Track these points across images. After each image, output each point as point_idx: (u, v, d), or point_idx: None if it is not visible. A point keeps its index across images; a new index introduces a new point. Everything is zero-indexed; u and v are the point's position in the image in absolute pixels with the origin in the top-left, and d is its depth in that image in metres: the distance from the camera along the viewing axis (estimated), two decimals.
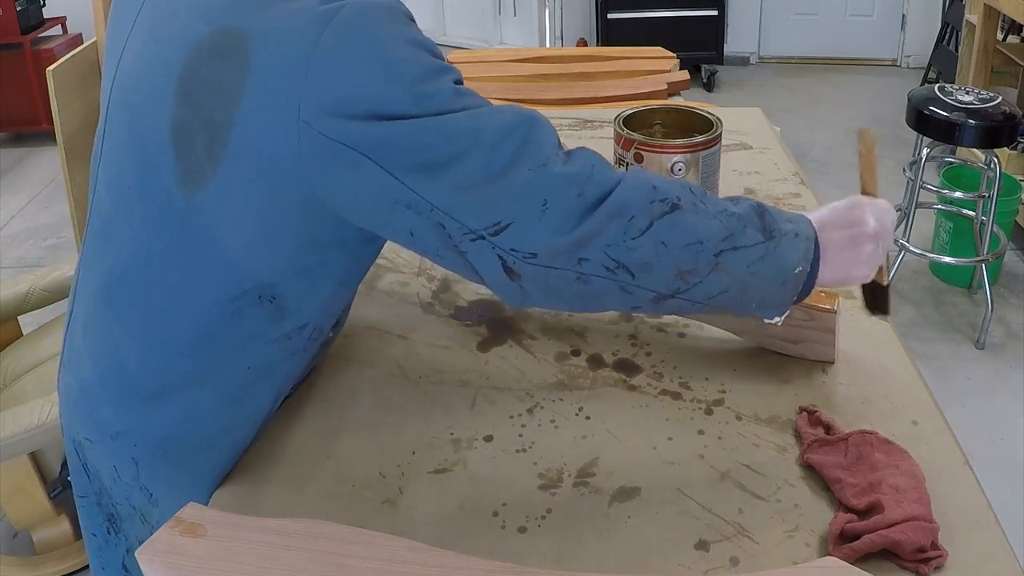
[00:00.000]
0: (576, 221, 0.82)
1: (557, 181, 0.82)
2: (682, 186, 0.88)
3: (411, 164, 0.80)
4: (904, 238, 2.89)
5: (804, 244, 0.91)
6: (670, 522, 0.91)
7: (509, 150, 0.81)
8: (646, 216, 0.84)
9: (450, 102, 0.81)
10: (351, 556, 0.85)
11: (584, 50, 3.74)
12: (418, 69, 0.80)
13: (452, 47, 5.47)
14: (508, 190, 0.81)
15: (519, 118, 0.83)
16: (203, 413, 0.99)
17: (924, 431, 1.01)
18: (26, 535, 2.11)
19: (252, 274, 0.91)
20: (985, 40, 3.72)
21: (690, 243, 0.85)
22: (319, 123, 0.79)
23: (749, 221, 0.89)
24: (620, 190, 0.83)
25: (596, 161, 0.85)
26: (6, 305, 2.10)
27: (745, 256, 0.88)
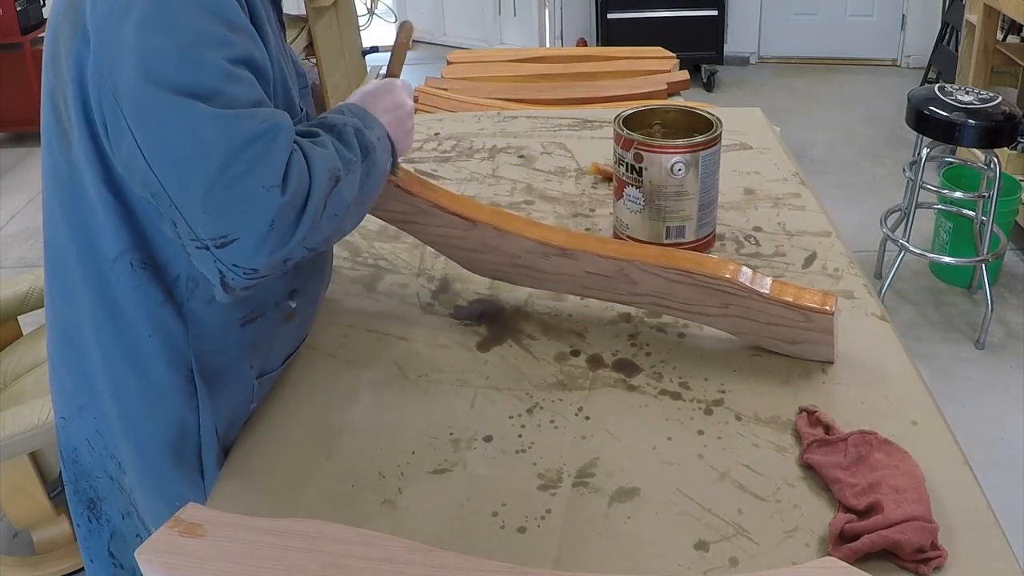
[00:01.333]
0: (290, 235, 0.86)
1: (283, 205, 0.84)
2: (334, 153, 0.93)
3: (161, 150, 0.82)
4: (904, 238, 2.89)
5: (385, 143, 1.03)
6: (670, 522, 0.91)
7: (246, 160, 0.82)
8: (323, 201, 0.89)
9: (214, 81, 0.82)
10: (351, 556, 0.85)
11: (584, 50, 3.74)
12: (194, 33, 0.82)
13: (452, 47, 5.47)
14: (238, 203, 0.83)
15: (265, 127, 0.84)
16: (125, 384, 1.01)
17: (924, 431, 1.01)
18: (26, 535, 2.11)
19: (119, 235, 0.95)
20: (985, 40, 3.72)
21: (345, 205, 0.93)
22: (106, 77, 0.84)
23: (358, 154, 0.97)
24: (314, 190, 0.87)
25: (300, 169, 0.87)
26: (6, 305, 2.10)
27: (365, 183, 0.97)
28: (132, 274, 0.96)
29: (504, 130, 1.88)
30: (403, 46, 1.22)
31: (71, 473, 1.13)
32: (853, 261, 1.35)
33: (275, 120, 0.85)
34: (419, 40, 6.07)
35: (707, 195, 1.34)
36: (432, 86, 2.59)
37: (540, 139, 1.83)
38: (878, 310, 1.24)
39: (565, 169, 1.69)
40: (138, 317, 0.98)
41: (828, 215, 1.50)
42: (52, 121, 0.94)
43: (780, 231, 1.44)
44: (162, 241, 0.96)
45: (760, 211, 1.50)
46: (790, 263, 1.35)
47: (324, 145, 0.92)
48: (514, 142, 1.81)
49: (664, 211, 1.33)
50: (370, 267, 1.39)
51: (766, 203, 1.53)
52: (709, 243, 1.39)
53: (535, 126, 1.90)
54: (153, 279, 0.97)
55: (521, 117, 1.96)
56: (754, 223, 1.46)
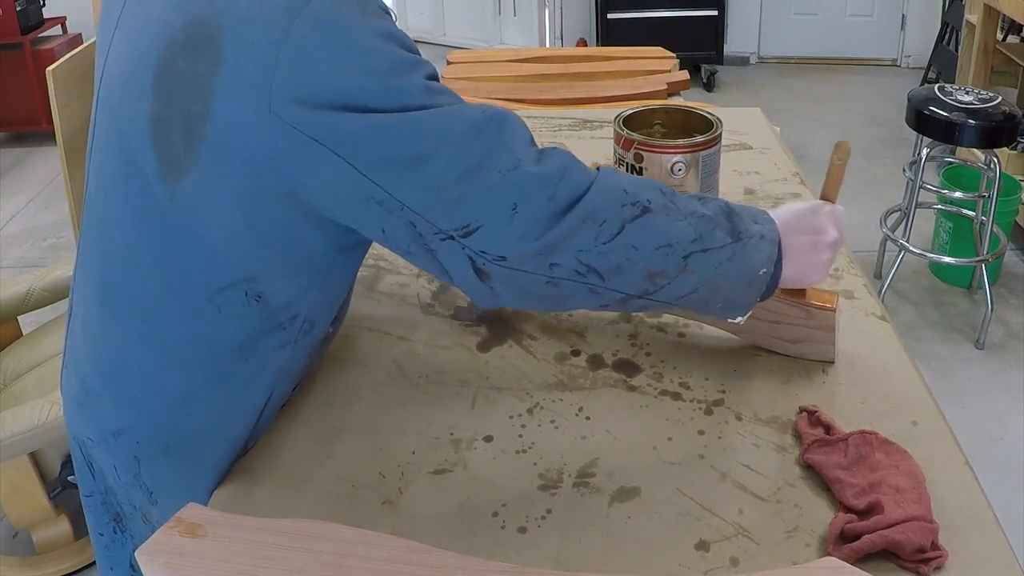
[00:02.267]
0: (547, 226, 0.82)
1: (527, 185, 0.81)
2: (653, 187, 0.88)
3: (380, 161, 0.80)
4: (904, 238, 2.89)
5: (769, 246, 0.93)
6: (670, 522, 0.91)
7: (478, 150, 0.81)
8: (617, 220, 0.84)
9: (421, 98, 0.80)
10: (351, 556, 0.85)
11: (584, 50, 3.74)
12: (389, 62, 0.80)
13: (452, 47, 5.47)
14: (477, 192, 0.81)
15: (488, 117, 0.82)
16: (201, 409, 0.98)
17: (924, 431, 1.01)
18: (26, 535, 2.11)
19: (236, 267, 0.90)
20: (985, 40, 3.72)
21: (660, 246, 0.86)
22: (289, 115, 0.79)
23: (718, 223, 0.90)
24: (592, 194, 0.83)
25: (568, 163, 0.84)
26: (6, 305, 2.10)
27: (713, 258, 0.89)
28: (244, 302, 0.92)
29: None
30: (839, 168, 1.04)
31: (99, 486, 1.10)
32: (853, 261, 1.35)
33: (495, 110, 0.83)
34: (419, 40, 6.08)
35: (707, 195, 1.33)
36: None
37: (540, 139, 1.83)
38: (878, 310, 1.24)
39: None
40: (237, 343, 0.95)
41: None
42: (149, 151, 0.87)
43: None
44: (286, 286, 0.93)
45: None
46: None
47: (638, 180, 0.88)
48: None
49: None
50: (370, 267, 1.39)
51: (766, 203, 1.53)
52: None
53: (535, 126, 1.90)
54: (266, 312, 0.94)
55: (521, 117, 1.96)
56: None
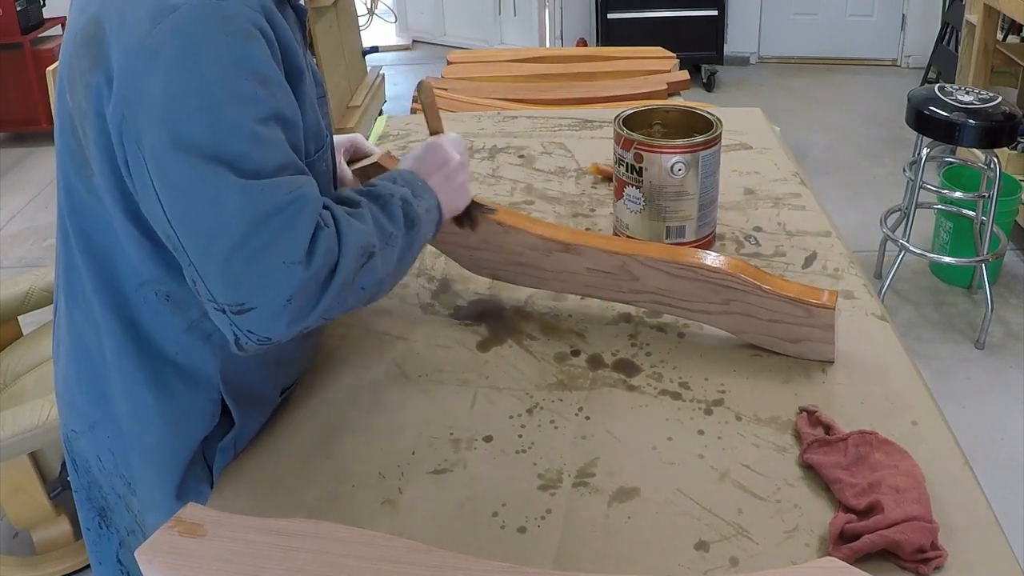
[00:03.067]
0: (311, 308, 0.86)
1: (306, 282, 0.84)
2: (374, 227, 0.93)
3: (183, 215, 0.82)
4: (904, 238, 2.89)
5: (433, 214, 1.04)
6: (670, 522, 0.91)
7: (271, 233, 0.82)
8: (353, 275, 0.89)
9: (241, 146, 0.81)
10: (351, 556, 0.85)
11: (584, 50, 3.74)
12: (226, 95, 0.80)
13: (452, 47, 5.47)
14: (259, 277, 0.82)
15: (289, 200, 0.83)
16: (145, 404, 0.99)
17: (924, 431, 1.01)
18: (26, 535, 2.11)
19: (142, 267, 0.93)
20: (985, 40, 3.72)
21: (378, 279, 0.94)
22: (130, 124, 0.81)
23: (402, 227, 0.97)
24: (341, 265, 0.87)
25: (329, 245, 0.86)
26: (6, 305, 2.10)
27: (404, 253, 0.98)
28: (157, 302, 0.95)
29: (504, 130, 1.88)
30: (431, 105, 1.18)
31: (84, 481, 1.12)
32: (853, 261, 1.35)
33: (301, 191, 0.84)
34: (419, 40, 6.08)
35: (707, 195, 1.34)
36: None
37: (540, 139, 1.83)
38: (878, 310, 1.24)
39: (565, 169, 1.69)
40: (163, 341, 0.97)
41: (828, 215, 1.50)
42: (70, 144, 0.91)
43: (780, 231, 1.44)
44: (185, 283, 0.93)
45: (760, 211, 1.50)
46: (790, 263, 1.35)
47: (362, 218, 0.92)
48: (514, 142, 1.81)
49: (664, 211, 1.33)
50: None
51: (766, 203, 1.53)
52: (709, 243, 1.39)
53: (535, 126, 1.90)
54: (179, 310, 0.95)
55: (521, 117, 1.96)
56: (754, 223, 1.46)
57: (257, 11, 0.84)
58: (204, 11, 0.80)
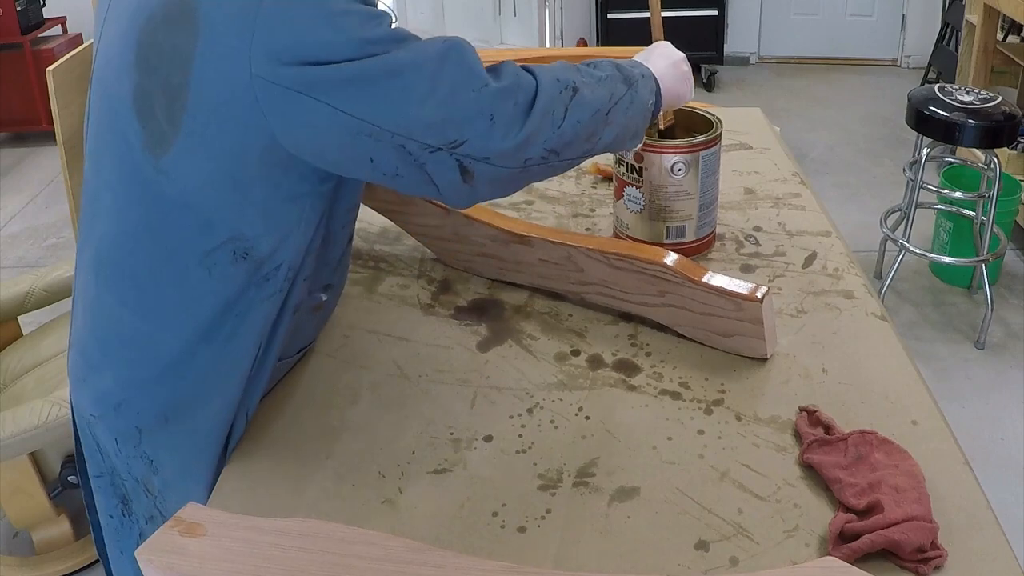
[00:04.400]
0: (519, 126, 0.94)
1: (496, 98, 0.92)
2: (572, 68, 1.02)
3: (366, 101, 0.87)
4: (904, 238, 2.89)
5: (650, 82, 1.13)
6: (670, 522, 0.91)
7: (449, 76, 0.90)
8: (562, 106, 0.98)
9: (389, 43, 0.88)
10: (351, 556, 0.85)
11: (584, 50, 3.74)
12: (357, 18, 0.86)
13: None
14: (458, 111, 0.91)
15: (448, 46, 0.91)
16: (193, 371, 1.01)
17: (924, 431, 1.01)
18: (26, 535, 2.11)
19: (222, 229, 0.95)
20: (985, 40, 3.72)
21: (593, 113, 1.02)
22: (271, 74, 0.85)
23: (616, 78, 1.07)
24: (541, 92, 0.96)
25: (515, 70, 0.96)
26: (6, 305, 2.10)
27: (622, 106, 1.07)
28: (232, 262, 0.96)
29: None
30: (656, 11, 1.32)
31: (106, 466, 1.13)
32: (853, 261, 1.35)
33: (452, 40, 0.92)
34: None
35: (707, 195, 1.34)
36: None
37: None
38: (878, 310, 1.24)
39: None
40: (225, 303, 0.98)
41: (828, 215, 1.50)
42: (135, 125, 0.92)
43: (780, 231, 1.44)
44: (270, 235, 0.97)
45: (760, 211, 1.50)
46: (790, 263, 1.35)
47: (552, 67, 1.00)
48: None
49: (664, 211, 1.33)
50: (371, 269, 1.39)
51: (766, 203, 1.53)
52: (709, 243, 1.39)
53: None
54: (252, 266, 0.98)
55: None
56: (754, 223, 1.46)
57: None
58: None
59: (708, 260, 1.36)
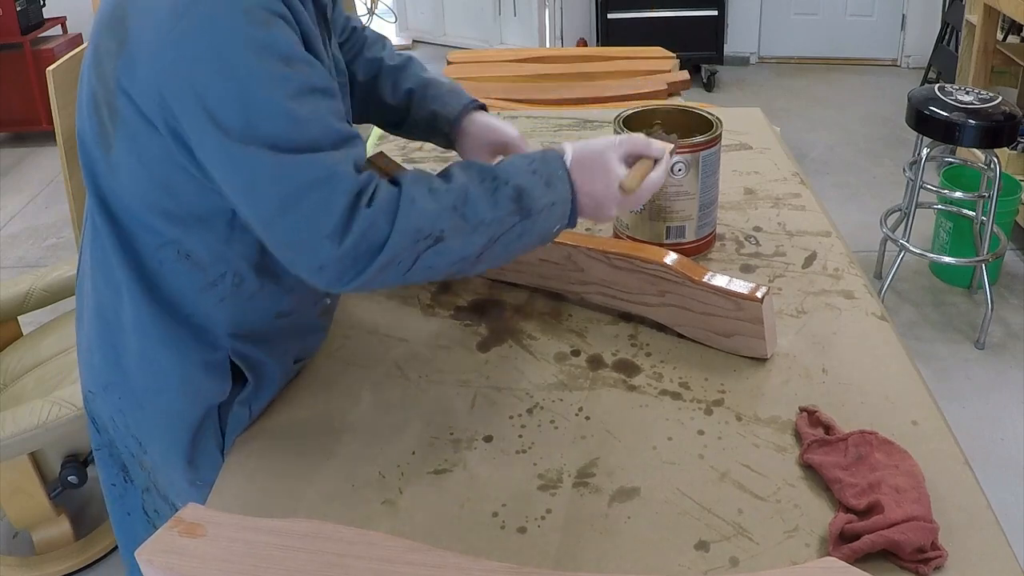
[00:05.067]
0: (350, 278, 0.90)
1: (330, 255, 0.88)
2: (447, 211, 0.93)
3: (229, 177, 0.88)
4: (904, 238, 2.89)
5: (561, 208, 1.01)
6: (670, 522, 0.91)
7: (299, 209, 0.87)
8: (412, 256, 0.91)
9: (278, 127, 0.85)
10: (351, 556, 0.85)
11: (584, 50, 3.74)
12: (257, 79, 0.85)
13: (452, 47, 5.47)
14: (294, 243, 0.89)
15: (323, 176, 0.87)
16: (159, 364, 1.04)
17: (924, 431, 1.01)
18: (26, 535, 2.11)
19: (163, 228, 0.97)
20: (985, 40, 3.72)
21: (456, 260, 0.95)
22: (169, 103, 0.86)
23: (508, 214, 0.96)
24: (389, 245, 0.89)
25: (372, 223, 0.88)
26: (6, 305, 2.10)
27: (506, 240, 0.97)
28: (177, 259, 0.99)
29: None
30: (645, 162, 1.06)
31: (104, 439, 1.16)
32: (853, 261, 1.35)
33: (334, 170, 0.87)
34: (419, 40, 6.08)
35: (707, 195, 1.34)
36: None
37: (540, 139, 1.83)
38: (878, 310, 1.24)
39: None
40: (181, 301, 1.01)
41: (828, 215, 1.50)
42: (93, 122, 0.96)
43: (780, 231, 1.44)
44: (207, 243, 0.98)
45: (760, 211, 1.50)
46: (790, 263, 1.35)
47: (438, 199, 0.92)
48: None
49: (664, 211, 1.33)
50: None
51: (766, 203, 1.53)
52: (709, 243, 1.39)
53: (535, 126, 1.90)
54: (198, 268, 1.00)
55: (521, 117, 1.96)
56: (754, 223, 1.46)
57: None
58: (223, 4, 0.84)
59: (708, 260, 1.36)
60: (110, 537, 2.12)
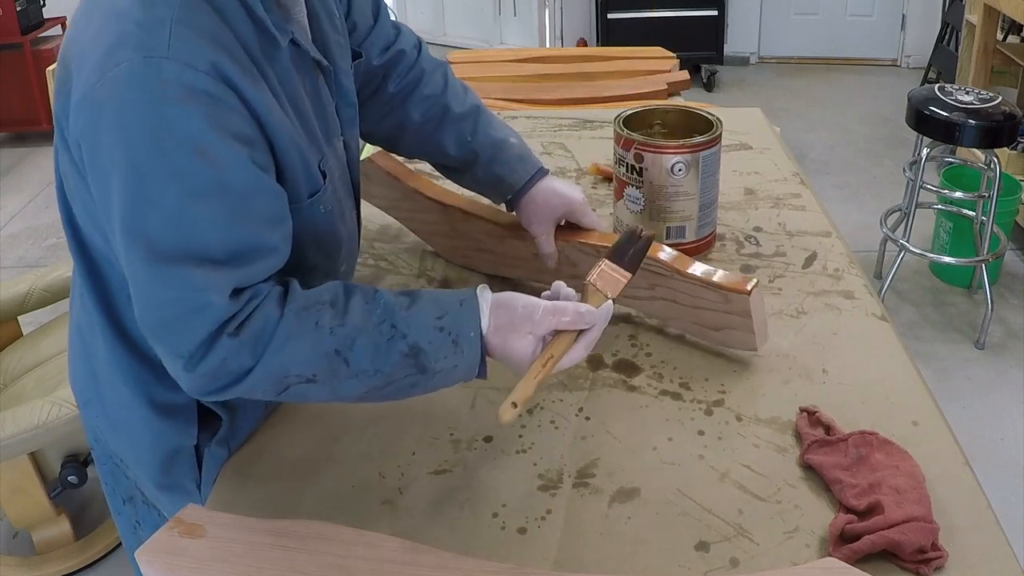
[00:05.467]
0: (210, 393, 0.85)
1: (189, 378, 0.84)
2: (331, 356, 0.85)
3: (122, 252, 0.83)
4: (904, 238, 2.89)
5: (465, 371, 0.91)
6: (670, 523, 0.91)
7: (161, 321, 0.82)
8: (281, 386, 0.85)
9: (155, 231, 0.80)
10: (351, 557, 0.85)
11: (584, 50, 3.74)
12: (149, 171, 0.78)
13: (452, 47, 5.47)
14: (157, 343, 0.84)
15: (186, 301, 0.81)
16: (125, 399, 1.01)
17: (924, 431, 1.01)
18: (26, 535, 2.11)
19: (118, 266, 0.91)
20: (985, 40, 3.72)
21: (332, 398, 0.89)
22: (84, 158, 0.83)
23: (398, 368, 0.88)
24: (250, 379, 0.84)
25: (232, 355, 0.82)
26: (6, 305, 2.10)
27: (397, 387, 0.89)
28: None
29: None
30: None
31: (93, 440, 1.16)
32: (853, 261, 1.35)
33: (206, 299, 0.81)
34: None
35: (707, 195, 1.34)
36: None
37: (540, 139, 1.83)
38: (878, 310, 1.24)
39: (565, 169, 1.69)
40: (142, 338, 0.96)
41: (828, 215, 1.50)
42: (62, 135, 0.92)
43: (780, 231, 1.44)
44: None
45: (760, 211, 1.50)
46: (790, 263, 1.35)
47: (318, 340, 0.85)
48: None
49: (664, 211, 1.33)
50: (371, 267, 1.39)
51: (766, 203, 1.53)
52: (709, 243, 1.39)
53: (535, 126, 1.90)
54: None
55: (521, 117, 1.96)
56: (754, 223, 1.46)
57: (202, 71, 0.79)
58: (141, 72, 0.78)
59: (708, 260, 1.36)
60: (110, 537, 2.12)
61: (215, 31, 0.82)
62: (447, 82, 1.23)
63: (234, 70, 0.82)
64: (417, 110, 1.20)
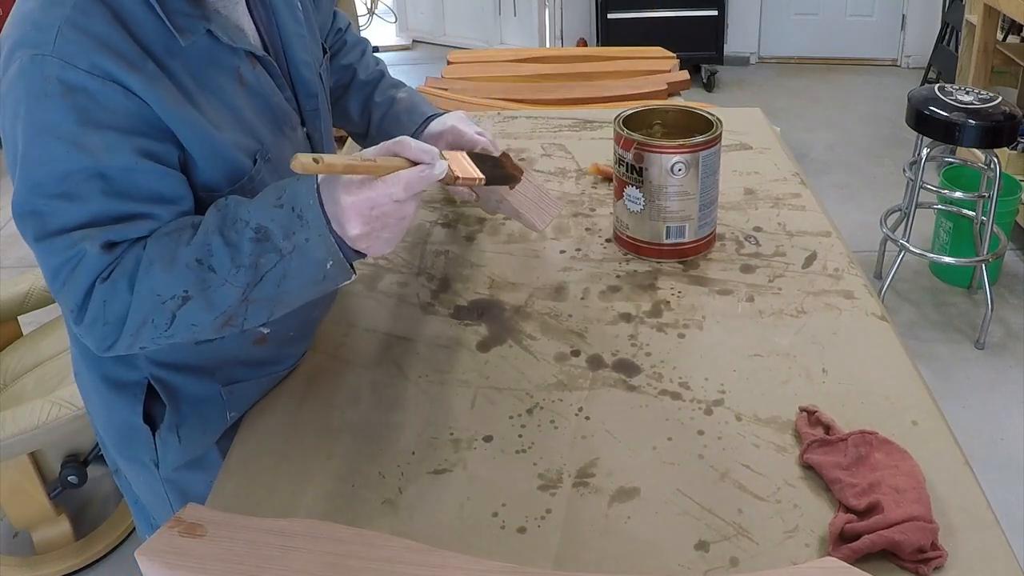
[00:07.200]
0: (110, 344, 0.91)
1: (86, 325, 0.90)
2: (194, 266, 0.88)
3: None
4: (904, 238, 2.89)
5: (322, 243, 0.88)
6: (670, 522, 0.91)
7: (56, 287, 0.91)
8: (165, 314, 0.89)
9: (42, 208, 0.88)
10: (351, 556, 0.85)
11: (584, 50, 3.74)
12: (31, 156, 0.87)
13: (452, 47, 5.47)
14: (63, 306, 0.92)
15: (66, 258, 0.88)
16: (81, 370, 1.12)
17: (924, 431, 1.01)
18: (26, 535, 2.11)
19: None
20: (985, 40, 3.72)
21: (217, 314, 0.90)
22: None
23: (258, 255, 0.88)
24: (132, 312, 0.89)
25: (108, 296, 0.88)
26: (6, 305, 2.10)
27: (269, 283, 0.89)
28: None
29: (504, 131, 1.88)
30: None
31: None
32: (853, 261, 1.35)
33: (78, 248, 0.87)
34: (419, 40, 6.08)
35: (707, 195, 1.34)
36: (432, 86, 2.59)
37: (540, 140, 1.83)
38: (878, 310, 1.24)
39: (565, 169, 1.69)
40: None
41: (828, 215, 1.50)
42: None
43: (780, 231, 1.44)
44: None
45: (760, 211, 1.50)
46: (790, 263, 1.35)
47: (178, 256, 0.88)
48: (514, 143, 1.81)
49: (664, 211, 1.33)
50: (370, 266, 1.39)
51: (766, 203, 1.53)
52: (709, 243, 1.39)
53: (535, 126, 1.90)
54: None
55: (521, 117, 1.96)
56: (754, 223, 1.46)
57: (81, 68, 0.85)
58: (29, 69, 0.85)
59: (708, 260, 1.36)
60: (110, 537, 2.12)
61: (104, 31, 0.87)
62: (364, 52, 1.33)
63: (120, 67, 0.87)
64: (332, 78, 1.28)
